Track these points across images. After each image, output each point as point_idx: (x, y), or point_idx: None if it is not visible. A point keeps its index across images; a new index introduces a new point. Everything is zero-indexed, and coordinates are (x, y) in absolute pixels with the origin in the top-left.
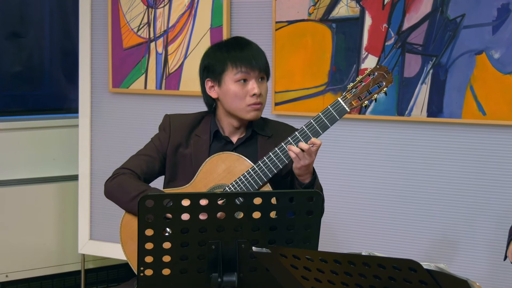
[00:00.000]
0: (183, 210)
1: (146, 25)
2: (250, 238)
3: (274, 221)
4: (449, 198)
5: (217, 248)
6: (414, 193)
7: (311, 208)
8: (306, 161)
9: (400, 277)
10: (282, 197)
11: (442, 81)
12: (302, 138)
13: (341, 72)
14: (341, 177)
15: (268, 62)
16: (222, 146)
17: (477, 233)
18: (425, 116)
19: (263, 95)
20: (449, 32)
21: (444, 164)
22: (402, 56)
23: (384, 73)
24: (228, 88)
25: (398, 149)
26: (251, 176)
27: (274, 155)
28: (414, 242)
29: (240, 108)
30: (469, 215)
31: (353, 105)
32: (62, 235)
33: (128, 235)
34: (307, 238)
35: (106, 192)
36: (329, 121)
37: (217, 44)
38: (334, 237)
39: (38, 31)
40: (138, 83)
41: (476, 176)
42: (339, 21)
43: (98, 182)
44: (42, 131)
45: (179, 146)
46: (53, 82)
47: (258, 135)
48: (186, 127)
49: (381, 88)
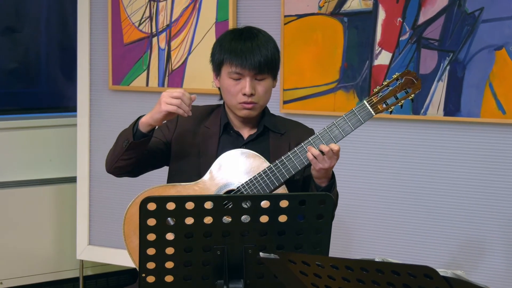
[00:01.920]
0: (187, 214)
1: (148, 19)
2: (258, 243)
3: (283, 225)
4: (468, 201)
5: (222, 253)
6: (430, 196)
7: (322, 212)
8: (325, 165)
9: (416, 284)
10: (291, 200)
11: (459, 78)
12: (324, 140)
13: (353, 69)
14: (353, 179)
15: (275, 59)
16: (232, 140)
17: (499, 239)
18: (442, 115)
19: (259, 94)
20: (467, 27)
21: (461, 166)
22: (417, 52)
23: (413, 78)
24: (224, 82)
25: (413, 150)
26: (267, 175)
27: (293, 155)
28: (430, 248)
29: (232, 104)
30: (489, 219)
31: (379, 110)
32: (60, 240)
33: (132, 229)
34: (318, 243)
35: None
36: (353, 124)
37: (231, 31)
38: (346, 242)
39: (34, 25)
40: (139, 80)
41: (497, 178)
42: (351, 14)
43: (97, 184)
44: (38, 130)
45: (186, 136)
46: (50, 79)
47: (270, 132)
48: (195, 118)
49: (409, 94)
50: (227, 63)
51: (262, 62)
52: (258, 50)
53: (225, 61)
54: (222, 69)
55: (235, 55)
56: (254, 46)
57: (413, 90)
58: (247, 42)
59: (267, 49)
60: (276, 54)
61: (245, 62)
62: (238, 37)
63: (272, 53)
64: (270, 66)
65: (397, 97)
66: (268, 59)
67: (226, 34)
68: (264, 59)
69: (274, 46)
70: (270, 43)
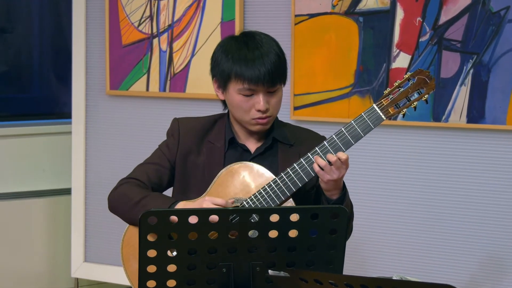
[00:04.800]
0: (190, 228)
1: (148, 18)
2: (266, 260)
3: (293, 240)
4: (493, 215)
5: (228, 271)
6: (452, 209)
7: (336, 226)
8: (334, 176)
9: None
10: (303, 213)
11: (484, 82)
12: (332, 149)
13: (369, 72)
14: (368, 191)
15: (284, 67)
16: (238, 155)
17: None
18: (465, 122)
19: (272, 107)
20: (492, 27)
21: (486, 177)
22: (438, 54)
23: (426, 78)
24: (233, 98)
25: (433, 160)
26: (272, 189)
27: (299, 166)
28: (451, 265)
29: (245, 120)
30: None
31: (390, 113)
32: (53, 257)
33: (131, 252)
34: (331, 260)
35: (108, 204)
36: (362, 130)
37: (228, 40)
38: (361, 259)
39: (26, 25)
40: (139, 84)
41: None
42: (367, 14)
43: (93, 196)
44: (30, 138)
45: (190, 154)
46: (43, 83)
47: (279, 143)
48: (198, 132)
49: (422, 95)
50: (235, 81)
51: (273, 71)
52: (267, 58)
53: (232, 79)
54: (229, 85)
55: (246, 72)
56: (263, 54)
57: (426, 90)
58: (256, 52)
59: (275, 55)
60: (282, 56)
61: (260, 79)
62: (242, 49)
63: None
64: (281, 73)
65: (409, 98)
66: (278, 66)
67: (230, 43)
68: (275, 66)
69: (279, 51)
70: (275, 48)
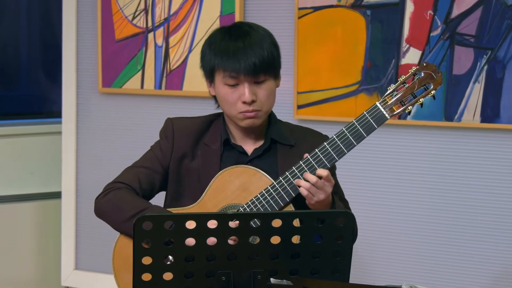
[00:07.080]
0: (187, 234)
1: (143, 12)
2: (268, 267)
3: (297, 247)
4: (508, 220)
5: (228, 279)
6: (465, 214)
7: (342, 232)
8: (321, 196)
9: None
10: (307, 218)
11: (499, 79)
12: (333, 150)
13: (377, 69)
14: (377, 194)
15: (273, 57)
16: (235, 158)
17: None
18: (478, 122)
19: (261, 99)
20: (507, 21)
21: (501, 180)
22: (450, 50)
23: (432, 72)
24: (219, 90)
25: (446, 162)
26: (270, 194)
27: (299, 169)
28: (466, 274)
29: (232, 114)
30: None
31: (395, 111)
32: (42, 264)
33: (122, 263)
34: (337, 268)
35: (96, 210)
36: (365, 130)
37: (214, 32)
38: (368, 267)
39: (13, 19)
40: (133, 81)
41: None
42: (375, 7)
43: (84, 200)
44: (18, 139)
45: (184, 157)
46: (31, 80)
47: (278, 144)
48: (193, 134)
49: (429, 91)
50: (219, 68)
51: (258, 64)
52: (251, 50)
53: (217, 67)
54: (215, 75)
55: (228, 60)
56: (246, 45)
57: (433, 85)
58: (238, 42)
59: (262, 48)
60: (275, 51)
61: (238, 65)
62: (229, 37)
63: (269, 52)
64: (267, 66)
65: (415, 95)
66: (264, 59)
67: (216, 34)
68: (259, 60)
69: (270, 42)
70: (265, 40)
